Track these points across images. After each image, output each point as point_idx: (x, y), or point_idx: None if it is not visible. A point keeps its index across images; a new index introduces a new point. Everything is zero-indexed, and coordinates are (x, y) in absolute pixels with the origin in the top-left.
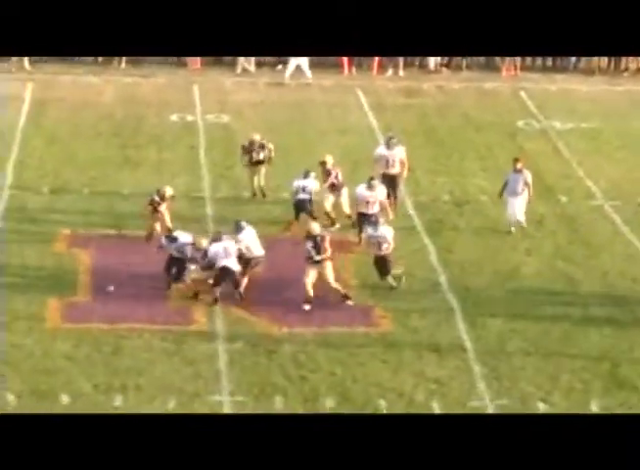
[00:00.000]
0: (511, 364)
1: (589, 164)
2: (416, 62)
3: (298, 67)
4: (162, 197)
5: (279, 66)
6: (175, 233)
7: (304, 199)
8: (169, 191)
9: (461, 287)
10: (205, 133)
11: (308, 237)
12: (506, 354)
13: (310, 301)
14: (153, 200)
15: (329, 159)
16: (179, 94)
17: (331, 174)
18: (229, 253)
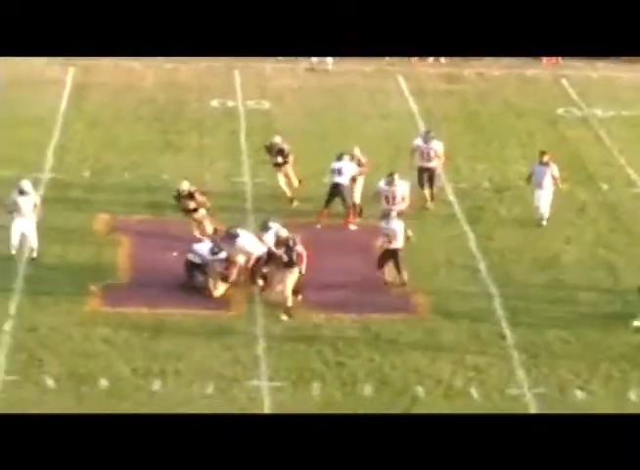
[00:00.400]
0: (550, 352)
1: (630, 152)
2: None
3: None
4: (180, 193)
5: None
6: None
7: (340, 183)
8: (184, 186)
9: (501, 274)
10: (245, 119)
11: (279, 242)
12: (545, 342)
13: (289, 313)
14: (177, 194)
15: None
16: (220, 80)
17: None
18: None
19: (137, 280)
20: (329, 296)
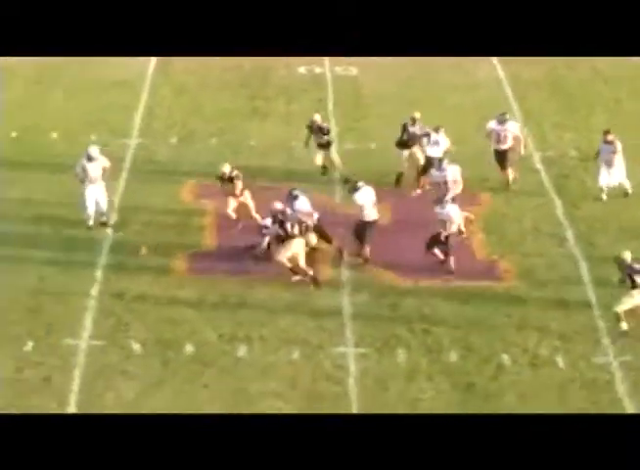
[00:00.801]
0: (637, 321)
1: None
2: None
3: None
4: (222, 176)
5: None
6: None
7: (433, 157)
8: (225, 168)
9: (587, 243)
10: (332, 85)
11: (273, 215)
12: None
13: (299, 272)
14: (219, 177)
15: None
16: None
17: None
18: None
19: (223, 247)
20: (414, 262)
